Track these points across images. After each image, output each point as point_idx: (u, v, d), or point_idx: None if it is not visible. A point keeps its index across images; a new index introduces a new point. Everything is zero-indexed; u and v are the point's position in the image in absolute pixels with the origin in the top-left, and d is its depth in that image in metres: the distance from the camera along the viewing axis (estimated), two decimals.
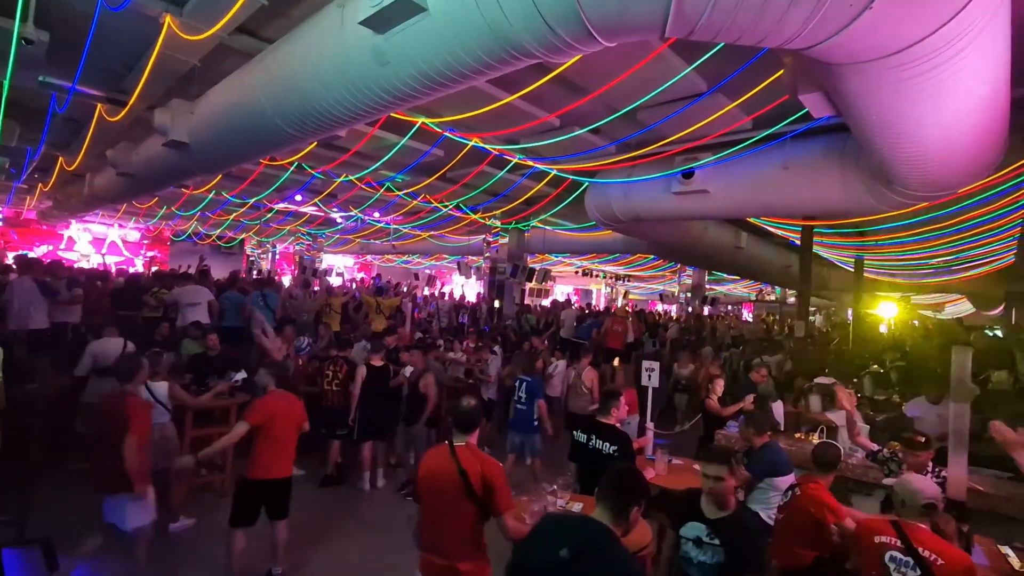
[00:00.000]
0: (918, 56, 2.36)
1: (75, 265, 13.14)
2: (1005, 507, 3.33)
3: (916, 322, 16.93)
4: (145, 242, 19.25)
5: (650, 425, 4.99)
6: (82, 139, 7.15)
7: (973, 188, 5.36)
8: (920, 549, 2.27)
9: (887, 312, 12.92)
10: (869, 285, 14.21)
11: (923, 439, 3.27)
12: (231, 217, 13.29)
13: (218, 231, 16.60)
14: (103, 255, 17.38)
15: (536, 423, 5.30)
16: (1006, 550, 2.81)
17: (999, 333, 13.97)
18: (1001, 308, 20.02)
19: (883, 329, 14.79)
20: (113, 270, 11.61)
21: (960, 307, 22.66)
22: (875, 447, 3.85)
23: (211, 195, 10.21)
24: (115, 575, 3.65)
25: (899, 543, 2.32)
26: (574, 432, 3.61)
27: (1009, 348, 10.20)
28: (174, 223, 16.31)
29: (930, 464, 3.25)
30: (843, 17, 2.13)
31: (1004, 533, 3.26)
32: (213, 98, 4.84)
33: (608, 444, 3.35)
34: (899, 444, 3.57)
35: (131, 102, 5.40)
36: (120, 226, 17.75)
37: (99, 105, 5.83)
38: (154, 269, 15.09)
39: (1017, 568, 2.63)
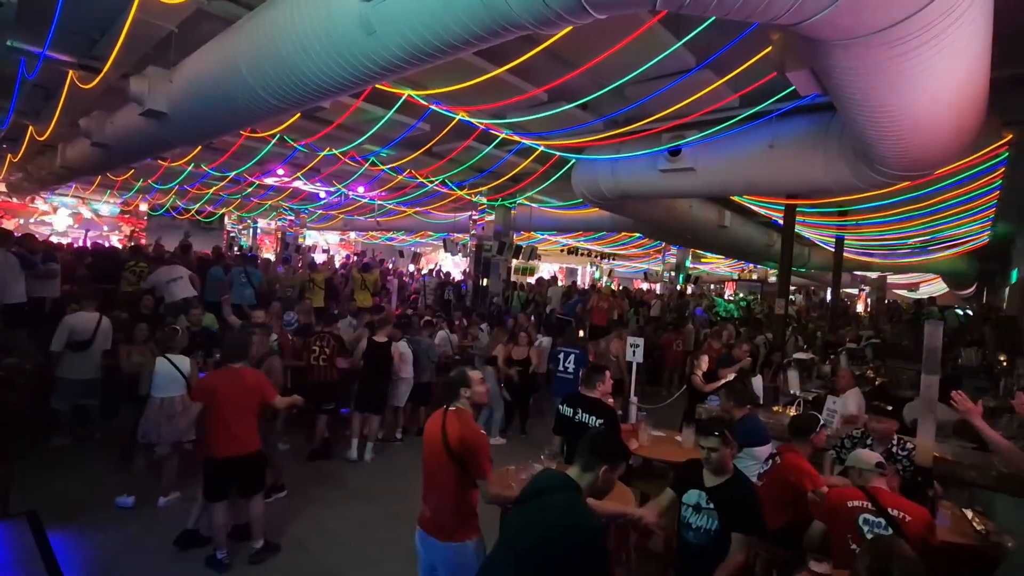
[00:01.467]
0: (903, 34, 2.38)
1: (48, 238, 12.79)
2: (967, 474, 3.51)
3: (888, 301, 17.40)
4: (127, 215, 18.72)
5: (634, 399, 5.11)
6: (53, 107, 6.88)
7: (949, 169, 5.48)
8: (889, 509, 2.43)
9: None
10: (848, 264, 14.51)
11: (890, 407, 3.43)
12: (211, 191, 13.00)
13: (197, 205, 16.23)
14: (86, 230, 16.89)
15: None
16: (968, 513, 2.97)
17: (969, 312, 14.42)
18: (973, 288, 20.66)
19: (860, 308, 15.18)
20: (88, 244, 11.31)
21: (935, 286, 23.29)
22: None
23: (190, 168, 9.96)
24: (105, 547, 3.69)
25: (870, 506, 2.48)
26: (560, 406, 3.67)
27: (979, 325, 10.57)
28: (151, 197, 15.89)
29: (895, 437, 3.37)
30: None
31: (966, 498, 3.45)
32: (192, 66, 4.69)
33: (594, 417, 3.42)
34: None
35: (105, 69, 5.21)
36: (94, 200, 17.25)
37: (71, 72, 5.61)
38: (131, 244, 14.75)
39: (978, 529, 2.78)
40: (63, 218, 17.74)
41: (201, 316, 5.87)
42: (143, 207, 17.86)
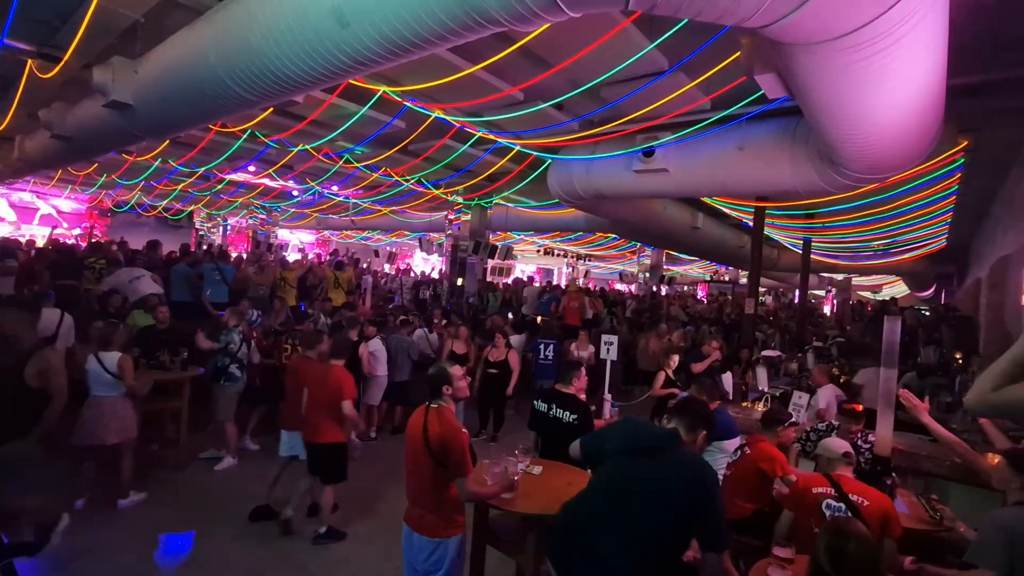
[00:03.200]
0: (864, 40, 2.47)
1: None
2: (924, 464, 3.66)
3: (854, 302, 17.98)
4: (94, 212, 18.00)
5: (608, 396, 5.17)
6: (10, 98, 6.61)
7: (910, 174, 5.70)
8: (850, 495, 2.56)
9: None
10: (815, 266, 14.93)
11: (860, 408, 3.60)
12: (179, 188, 12.65)
13: (164, 202, 15.75)
14: (52, 227, 16.16)
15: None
16: (924, 500, 3.10)
17: (926, 312, 15.00)
18: (932, 289, 21.49)
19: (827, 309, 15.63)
20: (40, 242, 10.86)
21: (896, 288, 24.17)
22: None
23: (157, 163, 9.67)
24: (62, 551, 3.56)
25: (833, 491, 2.61)
26: (535, 401, 3.70)
27: (937, 325, 10.99)
28: (115, 193, 15.36)
29: (860, 432, 3.52)
30: None
31: (922, 486, 3.60)
32: (159, 56, 4.56)
33: (568, 413, 3.46)
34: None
35: (65, 58, 5.03)
36: (54, 195, 16.60)
37: (29, 61, 5.41)
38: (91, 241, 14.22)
39: (933, 516, 2.91)
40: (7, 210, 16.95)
41: (168, 314, 5.71)
42: (107, 203, 17.25)
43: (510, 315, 9.30)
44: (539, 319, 9.82)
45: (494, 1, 2.49)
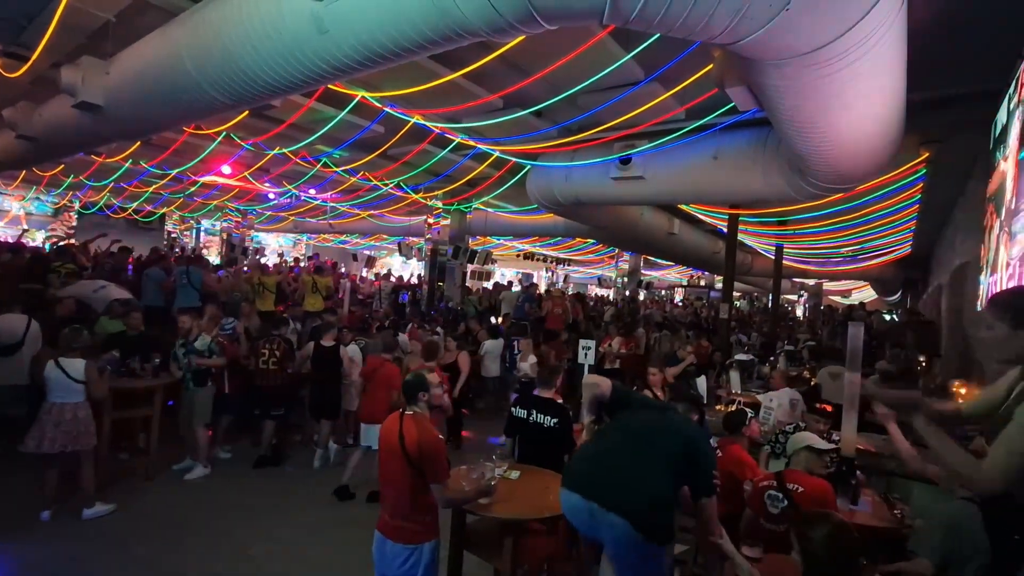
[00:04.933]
0: (827, 57, 2.58)
1: None
2: (888, 464, 3.79)
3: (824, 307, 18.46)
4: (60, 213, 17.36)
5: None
6: None
7: (874, 184, 5.92)
8: (788, 484, 2.73)
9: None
10: (787, 271, 15.31)
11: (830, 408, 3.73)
12: (150, 190, 12.35)
13: (135, 204, 15.36)
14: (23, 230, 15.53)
15: None
16: (886, 499, 3.22)
17: (895, 317, 15.49)
18: (899, 294, 22.20)
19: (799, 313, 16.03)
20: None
21: (865, 293, 24.89)
22: None
23: (127, 164, 9.44)
24: (27, 562, 3.45)
25: (775, 483, 2.78)
26: (513, 408, 3.72)
27: (902, 329, 11.36)
28: (83, 194, 14.91)
29: (825, 432, 3.65)
30: (763, 16, 2.31)
31: (885, 485, 3.73)
32: (131, 57, 4.49)
33: (549, 418, 3.49)
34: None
35: (33, 58, 4.91)
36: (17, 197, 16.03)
37: None
38: (57, 244, 13.75)
39: (894, 513, 3.02)
40: None
41: (141, 320, 5.59)
42: (74, 205, 16.74)
43: (493, 319, 9.30)
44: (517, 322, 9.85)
45: (473, 13, 2.52)
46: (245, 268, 10.31)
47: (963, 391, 5.38)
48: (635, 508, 2.14)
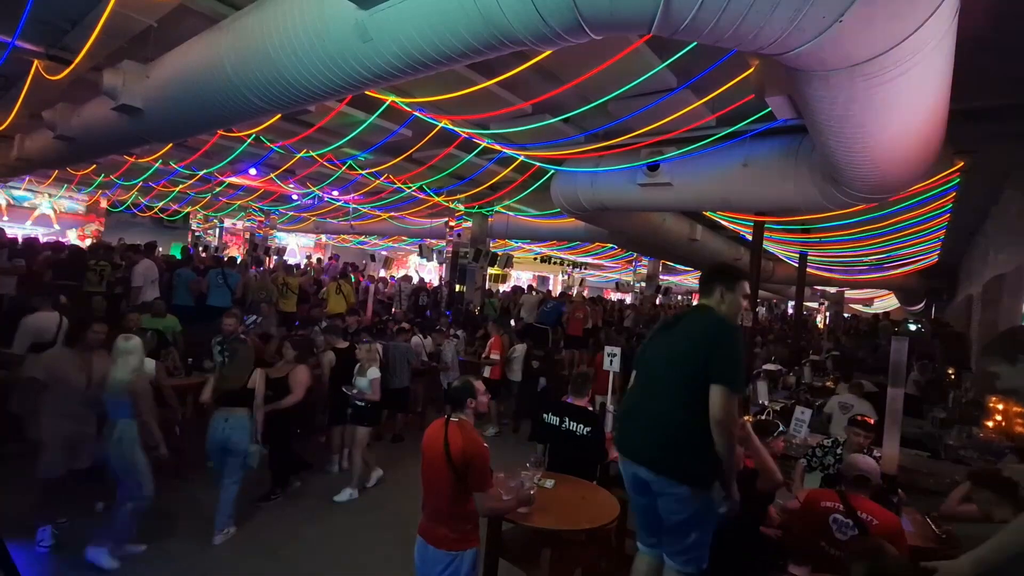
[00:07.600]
0: (879, 68, 2.54)
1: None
2: (926, 482, 3.71)
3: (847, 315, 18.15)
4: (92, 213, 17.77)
5: (611, 408, 5.19)
6: (13, 97, 6.58)
7: (907, 193, 5.80)
8: (859, 512, 2.57)
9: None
10: (810, 279, 15.08)
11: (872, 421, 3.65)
12: (177, 189, 12.58)
13: (162, 203, 15.66)
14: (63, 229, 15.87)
15: None
16: (929, 519, 3.15)
17: (921, 328, 15.18)
18: (923, 303, 21.76)
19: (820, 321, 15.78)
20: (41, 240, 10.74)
21: (887, 301, 24.42)
22: None
23: (157, 164, 9.64)
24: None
25: (842, 507, 2.62)
26: (545, 414, 3.71)
27: (930, 341, 11.11)
28: (112, 192, 15.25)
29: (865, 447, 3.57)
30: (816, 27, 2.27)
31: (925, 504, 3.65)
32: (172, 62, 4.58)
33: (582, 426, 3.48)
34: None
35: (76, 61, 5.04)
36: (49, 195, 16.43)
37: (36, 61, 5.39)
38: (91, 241, 14.08)
39: (938, 534, 2.96)
40: None
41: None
42: (103, 203, 17.12)
43: (512, 322, 9.29)
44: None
45: (519, 21, 2.52)
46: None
47: (1000, 407, 5.24)
48: (653, 454, 2.23)
